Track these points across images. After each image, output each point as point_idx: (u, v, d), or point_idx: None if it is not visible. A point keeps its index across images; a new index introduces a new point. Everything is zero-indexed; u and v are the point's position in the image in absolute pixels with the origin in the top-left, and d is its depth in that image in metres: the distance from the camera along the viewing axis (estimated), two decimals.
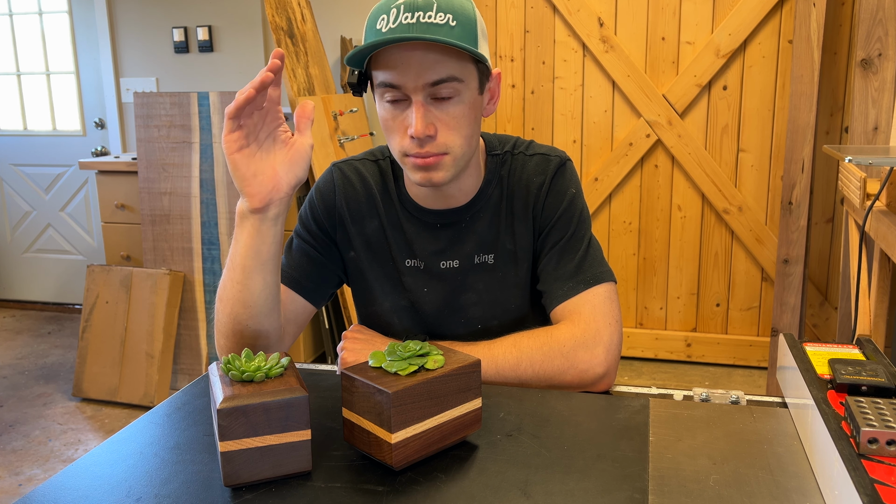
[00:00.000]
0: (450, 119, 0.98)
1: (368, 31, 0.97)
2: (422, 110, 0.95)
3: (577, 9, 3.04)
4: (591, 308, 1.03)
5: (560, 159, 1.11)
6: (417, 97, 0.95)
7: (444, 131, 0.98)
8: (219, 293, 0.97)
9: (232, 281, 0.94)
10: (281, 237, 0.94)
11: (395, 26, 0.93)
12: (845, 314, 2.28)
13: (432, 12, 0.93)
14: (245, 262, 0.92)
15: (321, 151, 2.80)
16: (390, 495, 0.72)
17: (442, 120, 0.97)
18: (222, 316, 0.96)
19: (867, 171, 1.91)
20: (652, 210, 3.15)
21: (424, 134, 0.96)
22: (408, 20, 0.92)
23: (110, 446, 0.83)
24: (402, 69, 0.94)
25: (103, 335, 2.96)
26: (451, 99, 0.97)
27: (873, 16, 2.20)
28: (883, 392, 0.77)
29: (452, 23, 0.93)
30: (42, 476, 2.41)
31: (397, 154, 1.01)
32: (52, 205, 4.05)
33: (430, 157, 0.98)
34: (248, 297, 0.94)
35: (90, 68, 3.83)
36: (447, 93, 0.96)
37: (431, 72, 0.94)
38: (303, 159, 0.91)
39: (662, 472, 0.75)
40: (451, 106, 0.97)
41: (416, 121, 0.95)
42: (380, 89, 0.98)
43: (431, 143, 0.97)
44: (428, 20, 0.92)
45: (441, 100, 0.97)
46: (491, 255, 1.11)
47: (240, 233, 0.92)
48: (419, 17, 0.92)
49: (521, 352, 1.00)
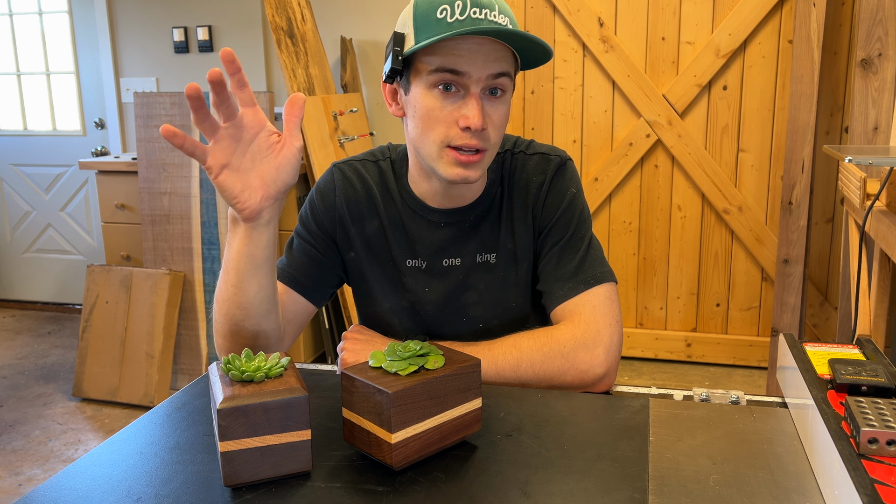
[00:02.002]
0: (497, 116, 1.00)
1: (426, 22, 0.96)
2: (480, 103, 0.98)
3: (577, 9, 3.04)
4: (591, 308, 1.03)
5: (560, 159, 1.12)
6: (476, 89, 0.97)
7: (492, 128, 1.00)
8: (216, 295, 0.97)
9: (227, 283, 0.94)
10: (274, 239, 0.93)
11: (465, 19, 0.95)
12: (845, 314, 2.28)
13: (496, 12, 0.97)
14: (239, 266, 0.92)
15: (321, 151, 2.80)
16: (390, 495, 0.72)
17: (491, 116, 0.99)
18: (219, 317, 0.96)
19: (867, 171, 1.91)
20: (652, 210, 3.15)
21: (480, 125, 0.97)
22: (476, 15, 0.95)
23: (110, 446, 0.83)
24: (469, 58, 0.96)
25: (103, 335, 2.96)
26: (502, 96, 1.00)
27: (873, 16, 2.21)
28: (883, 392, 0.77)
29: (510, 26, 0.98)
30: (42, 476, 2.41)
31: (436, 145, 1.00)
32: (52, 205, 4.05)
33: (475, 154, 0.99)
34: (244, 299, 0.93)
35: (90, 68, 3.83)
36: (501, 88, 0.99)
37: (496, 64, 0.97)
38: (291, 165, 0.88)
39: (662, 472, 0.75)
40: (500, 104, 1.00)
41: (474, 113, 0.97)
42: (433, 76, 0.97)
43: (481, 136, 0.99)
44: (494, 19, 0.96)
45: (494, 97, 0.99)
46: (493, 255, 1.11)
47: (233, 237, 0.92)
48: (486, 14, 0.96)
49: (522, 352, 1.00)
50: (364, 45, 3.39)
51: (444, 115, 0.98)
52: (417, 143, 1.03)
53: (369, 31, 3.38)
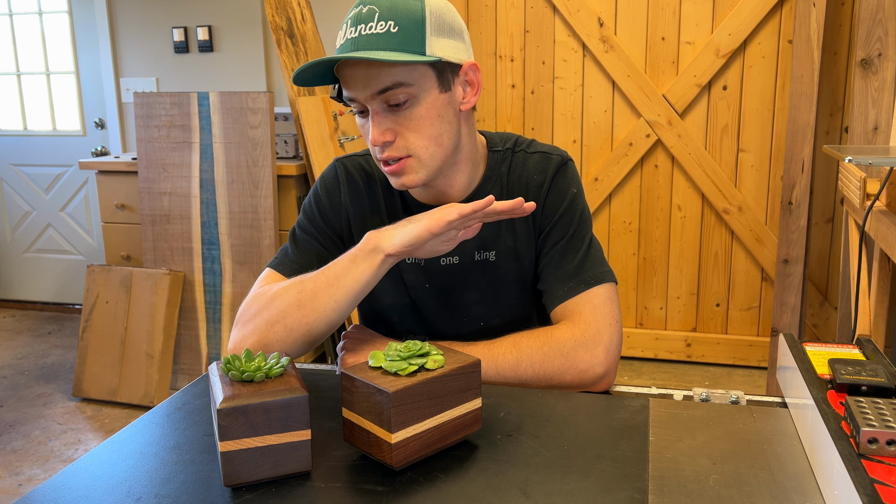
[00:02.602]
0: (408, 122, 1.00)
1: None
2: (377, 119, 0.99)
3: (577, 9, 3.04)
4: (591, 308, 1.03)
5: (561, 158, 1.12)
6: (373, 106, 0.99)
7: (404, 134, 1.00)
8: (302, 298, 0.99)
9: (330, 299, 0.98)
10: None
11: (344, 42, 0.98)
12: (845, 314, 2.28)
13: (373, 22, 0.96)
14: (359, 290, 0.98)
15: (321, 151, 2.80)
16: (390, 495, 0.72)
17: (400, 124, 1.00)
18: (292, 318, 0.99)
19: (867, 171, 1.91)
20: (652, 210, 3.15)
21: (381, 141, 0.99)
22: (352, 34, 0.97)
23: (110, 446, 0.83)
24: (352, 83, 0.98)
25: (103, 335, 2.96)
26: (405, 103, 0.99)
27: (873, 16, 2.21)
28: (883, 392, 0.77)
29: (394, 29, 0.95)
30: (42, 476, 2.41)
31: (376, 161, 1.05)
32: (52, 205, 4.05)
33: (395, 164, 1.01)
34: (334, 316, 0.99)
35: (90, 68, 3.83)
36: (400, 98, 0.98)
37: (376, 82, 0.97)
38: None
39: (662, 472, 0.75)
40: (406, 110, 0.99)
41: (371, 130, 1.00)
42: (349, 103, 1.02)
43: (391, 147, 1.00)
44: (369, 31, 0.95)
45: (397, 106, 0.99)
46: (492, 253, 1.11)
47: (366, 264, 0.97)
48: (361, 29, 0.96)
49: (521, 352, 1.00)
50: None
51: (365, 134, 1.03)
52: None
53: None
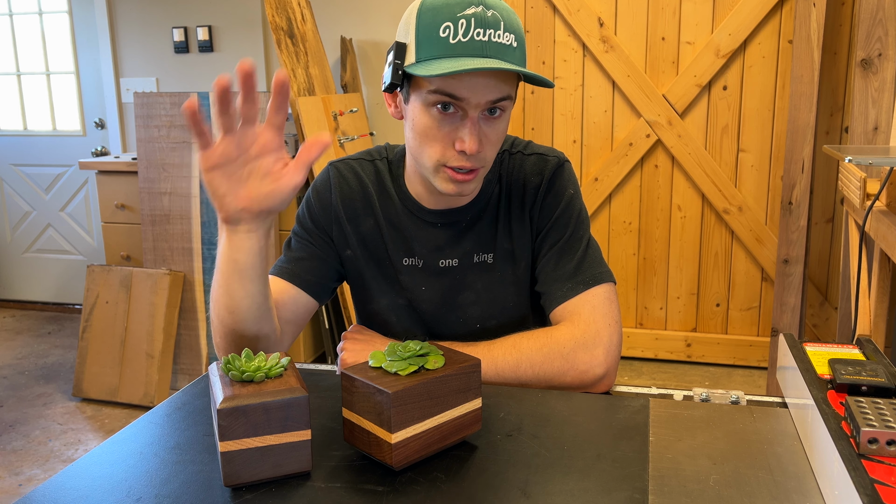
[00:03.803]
0: (495, 135, 1.00)
1: (428, 39, 0.94)
2: (475, 127, 0.96)
3: (577, 9, 3.04)
4: (590, 309, 1.03)
5: (558, 160, 1.12)
6: (474, 113, 0.96)
7: (488, 147, 0.99)
8: (210, 294, 0.97)
9: (216, 284, 0.93)
10: (260, 250, 0.90)
11: (468, 42, 0.93)
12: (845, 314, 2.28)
13: (500, 31, 0.94)
14: (223, 268, 0.91)
15: None
16: (390, 495, 0.72)
17: (488, 136, 0.99)
18: (213, 317, 0.96)
19: (867, 171, 1.91)
20: (652, 210, 3.15)
21: (476, 150, 0.97)
22: (480, 37, 0.93)
23: (110, 446, 0.83)
24: (469, 85, 0.94)
25: (103, 335, 2.96)
26: (500, 116, 0.99)
27: (873, 16, 2.20)
28: (883, 392, 0.77)
29: (514, 43, 0.96)
30: (42, 476, 2.41)
31: (432, 162, 1.00)
32: (52, 205, 4.05)
33: (470, 174, 0.99)
34: (231, 302, 0.92)
35: (90, 68, 3.83)
36: (500, 109, 0.98)
37: (496, 90, 0.96)
38: (282, 196, 0.86)
39: (662, 472, 0.75)
40: (499, 123, 0.99)
41: (471, 139, 0.96)
42: (432, 96, 0.96)
43: (476, 158, 0.98)
44: (498, 40, 0.94)
45: (492, 117, 0.98)
46: (490, 255, 1.11)
47: (219, 237, 0.92)
48: (490, 35, 0.93)
49: (521, 353, 1.00)
50: (364, 45, 3.39)
51: (442, 136, 0.98)
52: (415, 154, 1.03)
53: (369, 31, 3.38)
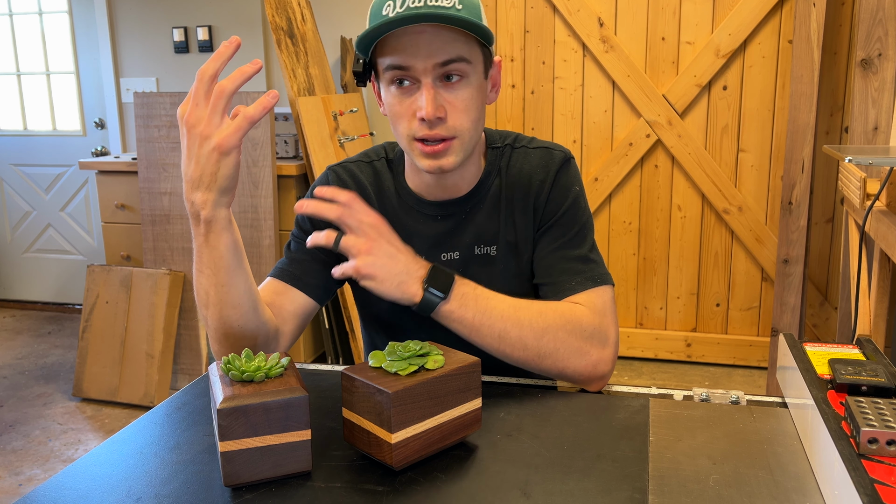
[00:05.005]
0: (459, 101, 0.98)
1: (373, 19, 0.97)
2: (432, 92, 0.96)
3: (577, 9, 3.04)
4: (602, 304, 1.03)
5: (564, 155, 1.12)
6: (427, 79, 0.96)
7: (454, 114, 0.98)
8: (199, 308, 0.98)
9: (205, 291, 0.95)
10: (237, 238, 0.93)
11: (403, 10, 0.93)
12: (845, 314, 2.28)
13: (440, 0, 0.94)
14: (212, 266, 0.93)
15: (321, 152, 2.80)
16: (390, 495, 0.72)
17: (451, 102, 0.98)
18: (210, 322, 0.97)
19: (867, 171, 1.91)
20: (652, 210, 3.15)
21: (435, 116, 0.96)
22: (415, 3, 0.93)
23: (110, 446, 0.83)
24: (411, 50, 0.94)
25: (103, 335, 2.96)
26: (460, 81, 0.98)
27: (873, 16, 2.20)
28: (883, 392, 0.77)
29: (459, 6, 0.95)
30: (42, 476, 2.41)
31: (405, 139, 1.01)
32: (52, 205, 4.05)
33: (440, 144, 0.98)
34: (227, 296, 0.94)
35: (90, 68, 3.83)
36: (457, 74, 0.97)
37: (442, 52, 0.95)
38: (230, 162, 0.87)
39: (662, 472, 0.75)
40: (459, 88, 0.98)
41: (426, 103, 0.95)
42: (388, 73, 0.97)
43: (441, 125, 0.97)
44: (435, 2, 0.93)
45: (450, 83, 0.97)
46: (493, 247, 1.11)
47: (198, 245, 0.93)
48: (427, 1, 0.93)
49: (548, 323, 0.99)
50: None
51: (404, 110, 0.98)
52: (396, 139, 1.04)
53: None
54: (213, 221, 0.89)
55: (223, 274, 0.92)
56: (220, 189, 0.87)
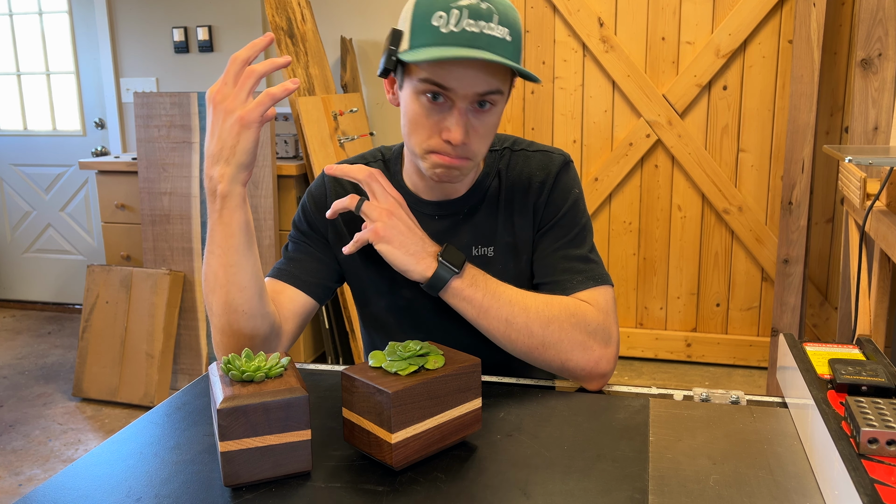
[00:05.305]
0: (483, 127, 0.99)
1: (421, 26, 0.95)
2: (465, 119, 0.97)
3: (577, 9, 3.04)
4: (605, 303, 1.03)
5: (563, 158, 1.13)
6: (462, 105, 0.96)
7: (476, 139, 0.99)
8: (204, 295, 0.99)
9: (213, 275, 0.97)
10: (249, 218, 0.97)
11: (459, 32, 0.93)
12: (845, 314, 2.28)
13: (493, 24, 0.94)
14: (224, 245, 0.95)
15: (321, 152, 2.80)
16: (390, 495, 0.72)
17: (476, 129, 0.99)
18: (214, 309, 0.98)
19: (867, 171, 1.91)
20: (652, 210, 3.15)
21: (462, 141, 0.97)
22: (471, 28, 0.93)
23: (110, 446, 0.83)
24: (457, 76, 0.94)
25: (103, 335, 2.96)
26: (489, 109, 0.98)
27: (873, 16, 2.21)
28: (883, 392, 0.77)
29: (509, 38, 0.95)
30: (42, 476, 2.41)
31: (419, 149, 1.01)
32: (52, 205, 4.05)
33: (456, 160, 0.99)
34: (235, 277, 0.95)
35: (90, 68, 3.83)
36: (490, 103, 0.98)
37: (484, 84, 0.95)
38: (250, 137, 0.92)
39: (662, 472, 0.75)
40: (488, 115, 0.99)
41: (456, 128, 0.96)
42: (422, 84, 0.97)
43: (464, 149, 0.98)
44: (491, 32, 0.93)
45: (481, 109, 0.98)
46: (490, 248, 1.11)
47: (211, 224, 0.95)
48: (483, 27, 0.93)
49: (553, 313, 1.00)
50: (364, 45, 3.39)
51: (429, 124, 0.98)
52: (405, 139, 1.04)
53: (369, 31, 3.38)
54: (228, 196, 0.93)
55: (233, 253, 0.95)
56: (238, 164, 0.91)
